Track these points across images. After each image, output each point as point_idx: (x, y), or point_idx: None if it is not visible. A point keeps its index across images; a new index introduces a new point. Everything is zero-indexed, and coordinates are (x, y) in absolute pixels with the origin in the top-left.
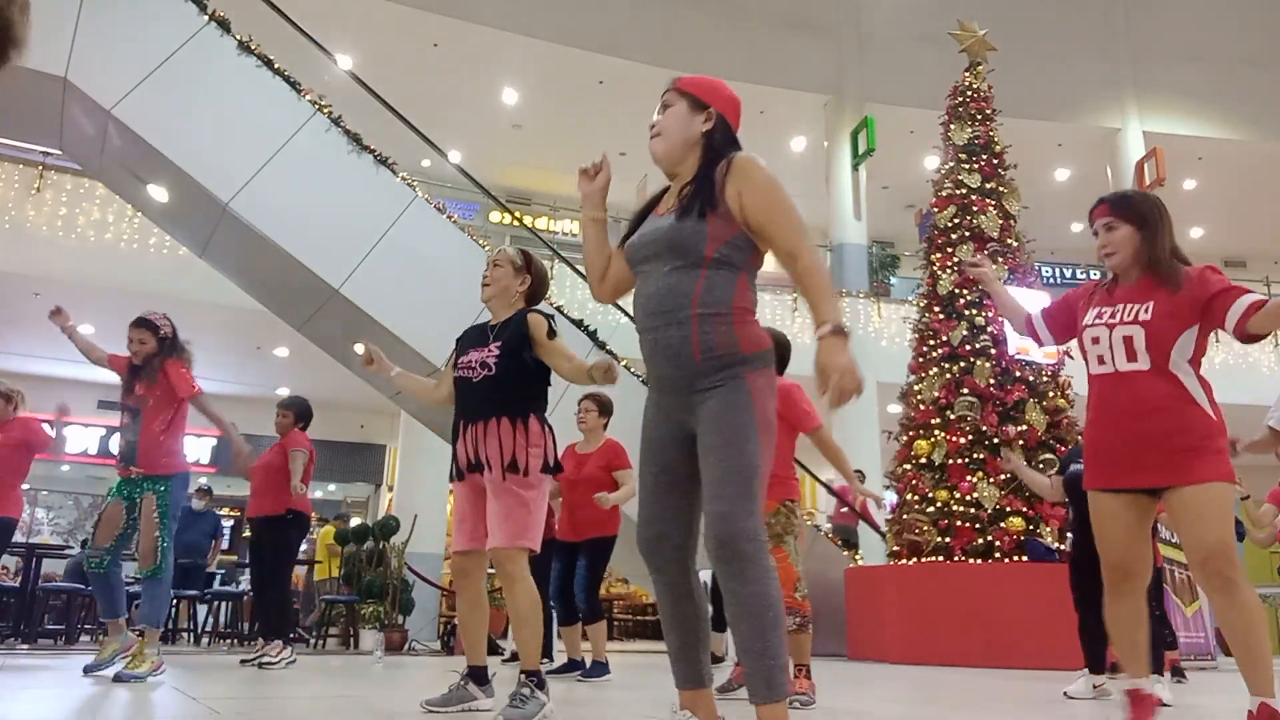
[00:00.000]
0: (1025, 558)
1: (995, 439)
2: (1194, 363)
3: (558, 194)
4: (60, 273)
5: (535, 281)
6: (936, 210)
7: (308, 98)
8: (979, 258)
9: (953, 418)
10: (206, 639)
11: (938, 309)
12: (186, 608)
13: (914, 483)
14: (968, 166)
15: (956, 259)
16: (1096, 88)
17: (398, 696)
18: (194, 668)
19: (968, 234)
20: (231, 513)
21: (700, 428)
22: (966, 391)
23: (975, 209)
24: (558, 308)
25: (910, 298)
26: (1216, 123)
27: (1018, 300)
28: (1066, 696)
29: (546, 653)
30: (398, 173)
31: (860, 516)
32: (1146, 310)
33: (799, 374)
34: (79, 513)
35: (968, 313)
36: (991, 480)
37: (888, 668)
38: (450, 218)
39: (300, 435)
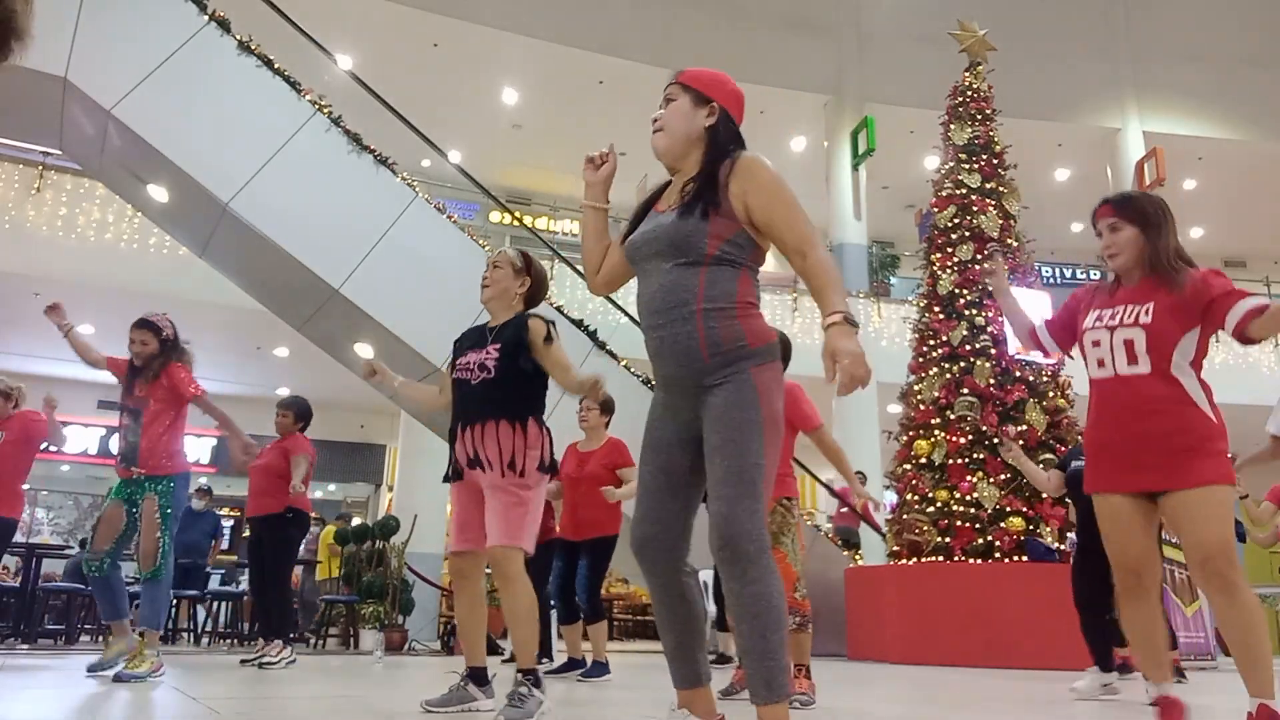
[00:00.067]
0: (1025, 558)
1: (995, 439)
2: (1195, 365)
3: (558, 194)
4: (60, 273)
5: (535, 284)
6: (936, 210)
7: (308, 98)
8: (996, 262)
9: (953, 418)
10: (206, 639)
11: (938, 309)
12: (186, 608)
13: (914, 483)
14: (968, 166)
15: (957, 259)
16: (1096, 88)
17: (398, 696)
18: (194, 668)
19: (968, 234)
20: (231, 513)
21: (706, 426)
22: (966, 391)
23: (975, 209)
24: (558, 308)
25: (910, 298)
26: (1216, 123)
27: (1023, 312)
28: (1073, 692)
29: (546, 652)
30: (398, 173)
31: (861, 517)
32: (1147, 312)
33: (800, 374)
34: (79, 513)
35: (968, 313)
36: (991, 480)
37: (888, 668)
38: (450, 218)
39: (303, 439)
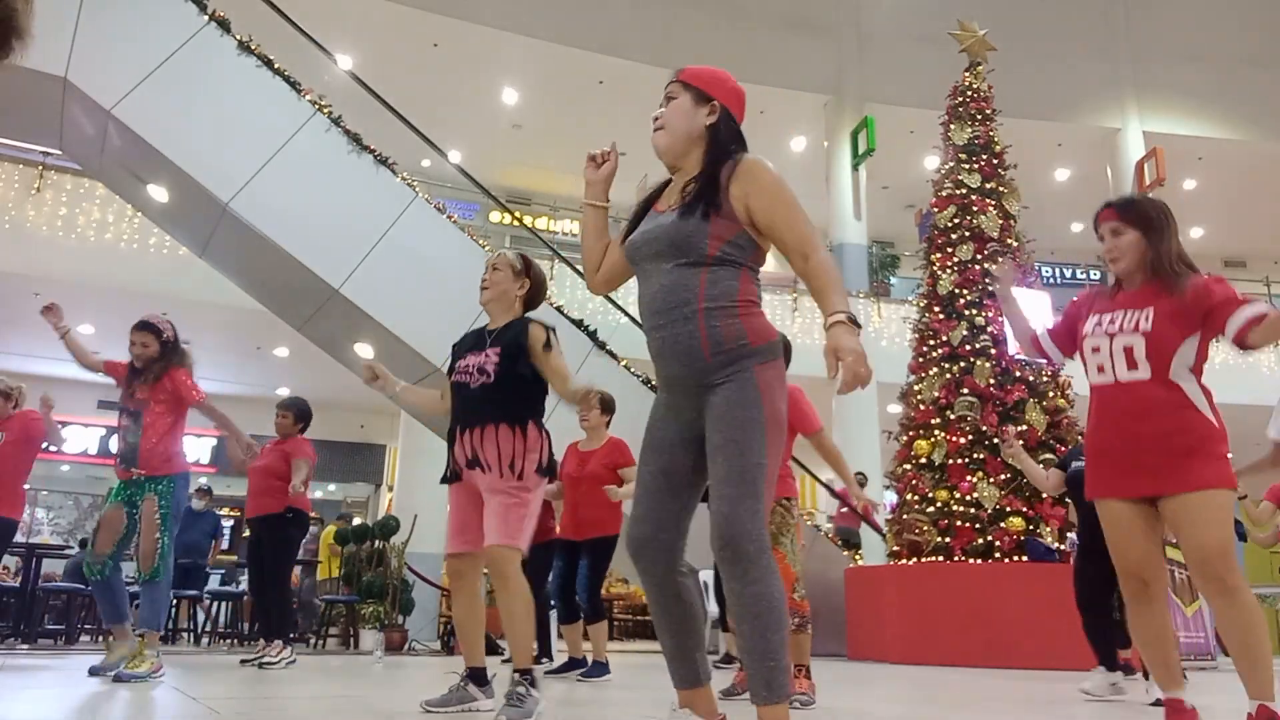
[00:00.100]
0: (1025, 558)
1: (995, 439)
2: (1195, 370)
3: (558, 194)
4: (60, 273)
5: (534, 286)
6: (936, 210)
7: (308, 98)
8: (1004, 269)
9: (953, 418)
10: (206, 639)
11: (938, 309)
12: (186, 608)
13: (914, 483)
14: (968, 166)
15: (957, 259)
16: (1096, 88)
17: (398, 696)
18: (194, 668)
19: (968, 234)
20: (231, 513)
21: (708, 425)
22: (966, 391)
23: (975, 209)
24: (558, 308)
25: (910, 298)
26: (1216, 123)
27: (1027, 320)
28: (1084, 694)
29: (546, 652)
30: (398, 173)
31: (863, 519)
32: (1147, 318)
33: (800, 374)
34: (79, 513)
35: (968, 313)
36: (991, 480)
37: (888, 668)
38: (450, 218)
39: (304, 442)
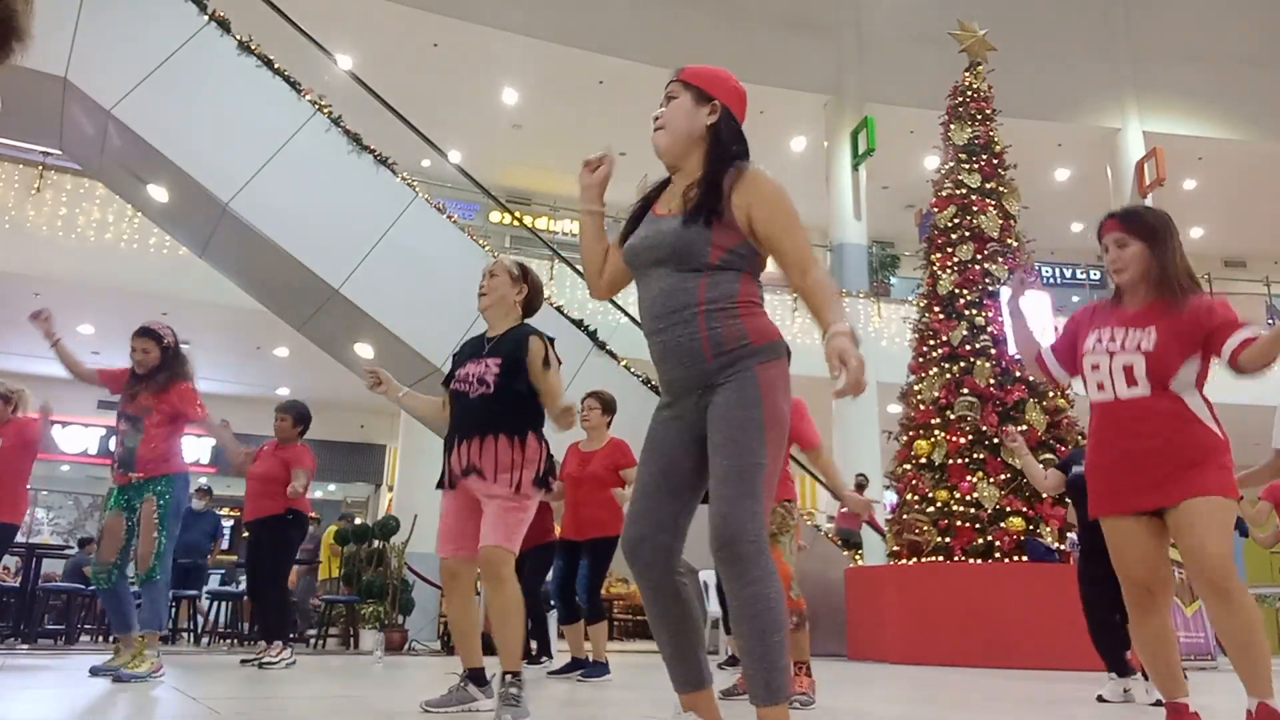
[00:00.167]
0: (1025, 558)
1: (995, 439)
2: (1197, 385)
3: (558, 194)
4: (60, 273)
5: (531, 292)
6: (936, 210)
7: (308, 98)
8: (1017, 284)
9: (953, 418)
10: (206, 639)
11: (938, 309)
12: (187, 608)
13: (914, 483)
14: (968, 166)
15: (957, 259)
16: (1096, 88)
17: (398, 696)
18: (194, 668)
19: (968, 234)
20: (232, 513)
21: (709, 426)
22: (966, 391)
23: (975, 209)
24: (558, 308)
25: (910, 298)
26: (1216, 123)
27: (1032, 336)
28: (1100, 700)
29: (546, 651)
30: (398, 173)
31: (866, 521)
32: (1149, 338)
33: (799, 374)
34: (79, 513)
35: (968, 313)
36: (991, 480)
37: (888, 668)
38: (450, 218)
39: (305, 452)
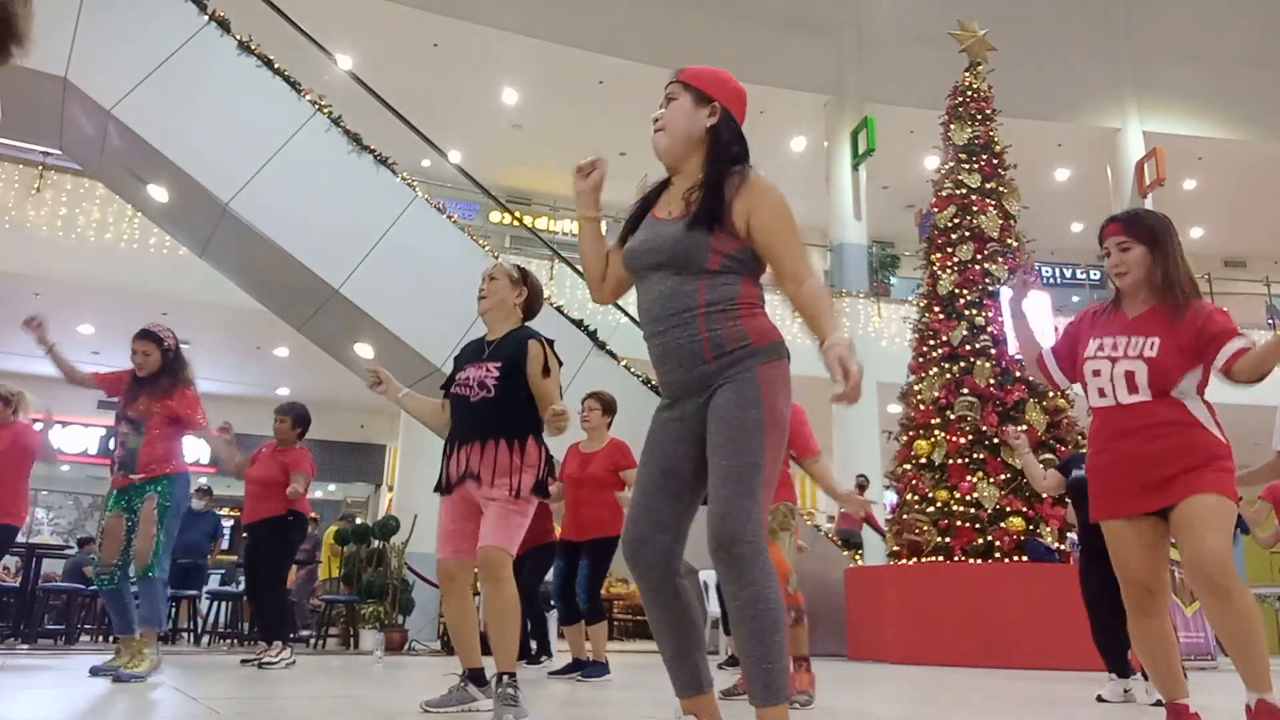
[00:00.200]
0: (1025, 558)
1: (995, 439)
2: (1199, 390)
3: (558, 194)
4: (60, 273)
5: (531, 295)
6: (936, 210)
7: (308, 98)
8: (1020, 286)
9: (953, 418)
10: (206, 639)
11: (938, 309)
12: (186, 608)
13: (914, 483)
14: (968, 166)
15: (957, 259)
16: (1096, 88)
17: (398, 696)
18: (194, 668)
19: (968, 234)
20: (231, 513)
21: (709, 426)
22: (966, 391)
23: (975, 209)
24: (558, 308)
25: (910, 298)
26: (1216, 123)
27: (1034, 339)
28: (1100, 700)
29: (546, 651)
30: (398, 173)
31: (866, 522)
32: (1152, 347)
33: (798, 374)
34: (79, 513)
35: (968, 313)
36: (991, 480)
37: (888, 668)
38: (450, 218)
39: (304, 456)
